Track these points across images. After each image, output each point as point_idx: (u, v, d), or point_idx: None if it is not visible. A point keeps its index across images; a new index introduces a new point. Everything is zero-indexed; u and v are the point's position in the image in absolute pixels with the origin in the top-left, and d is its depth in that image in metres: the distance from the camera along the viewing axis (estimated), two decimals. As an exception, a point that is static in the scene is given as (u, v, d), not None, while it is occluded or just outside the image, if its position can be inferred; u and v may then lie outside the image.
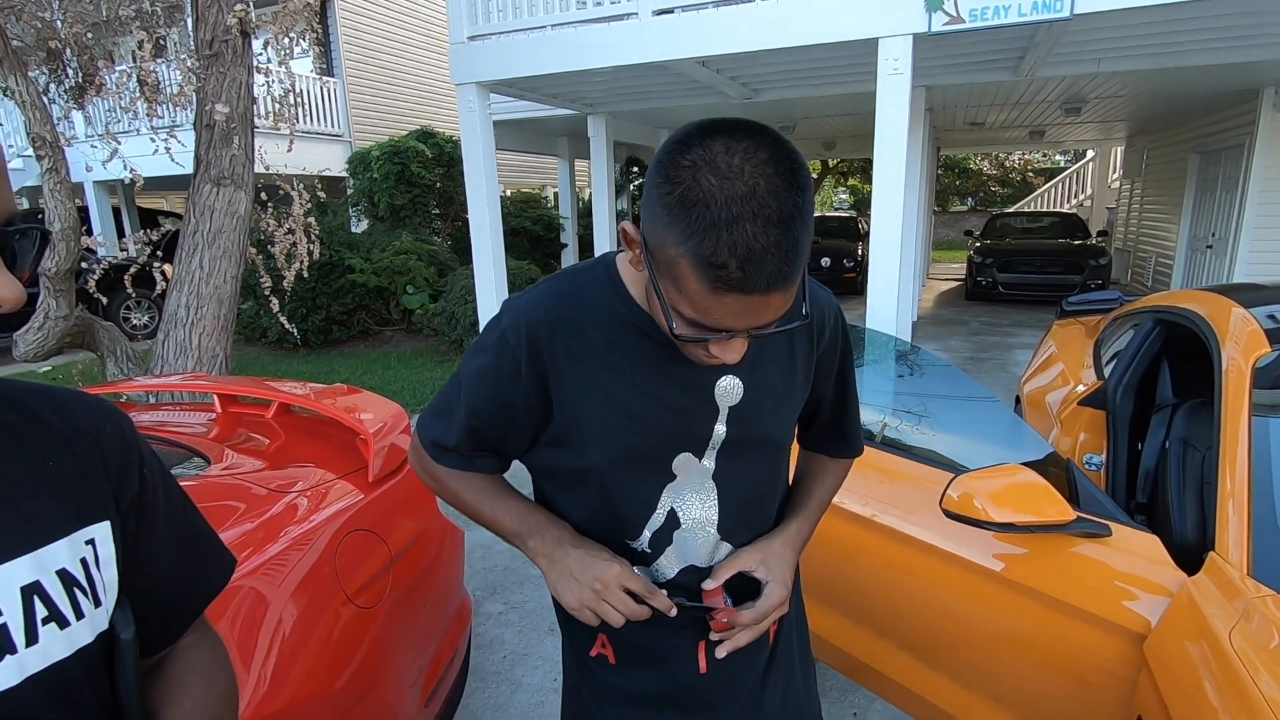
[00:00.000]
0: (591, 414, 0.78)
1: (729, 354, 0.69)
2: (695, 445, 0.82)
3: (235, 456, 1.63)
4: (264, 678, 1.17)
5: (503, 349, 0.78)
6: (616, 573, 0.79)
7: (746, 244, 0.59)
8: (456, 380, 0.84)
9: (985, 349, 6.93)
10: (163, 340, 3.90)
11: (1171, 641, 1.19)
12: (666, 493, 0.82)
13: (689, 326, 0.67)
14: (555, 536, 0.83)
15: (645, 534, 0.84)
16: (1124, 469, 2.16)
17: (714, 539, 0.86)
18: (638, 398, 0.78)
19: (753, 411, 0.83)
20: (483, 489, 0.87)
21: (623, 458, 0.80)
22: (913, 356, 2.57)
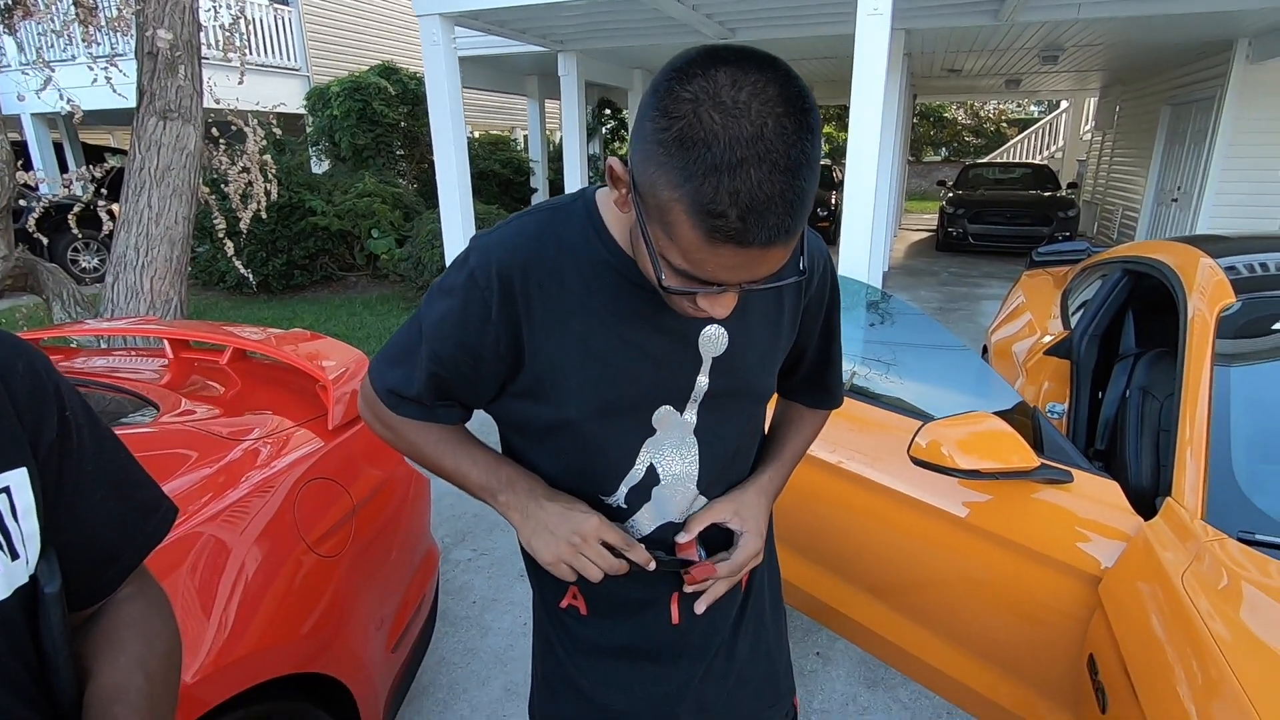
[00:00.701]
0: (567, 364, 0.74)
1: (718, 308, 0.64)
2: (676, 398, 0.78)
3: (187, 403, 1.57)
4: (224, 626, 1.15)
5: (471, 291, 0.72)
6: (595, 525, 0.76)
7: (750, 192, 0.54)
8: (416, 323, 0.77)
9: (954, 299, 7.00)
10: (112, 283, 3.73)
11: (1126, 583, 1.23)
12: (646, 448, 0.79)
13: (678, 278, 0.61)
14: (528, 489, 0.79)
15: (621, 490, 0.80)
16: (1085, 417, 2.20)
17: (693, 494, 0.83)
18: (617, 347, 0.73)
19: (737, 362, 0.79)
20: (445, 440, 0.83)
21: (600, 410, 0.76)
22: (884, 305, 2.57)
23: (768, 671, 0.96)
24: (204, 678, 1.09)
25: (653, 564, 0.79)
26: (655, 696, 0.88)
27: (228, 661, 1.12)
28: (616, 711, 0.88)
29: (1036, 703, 1.45)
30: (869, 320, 2.50)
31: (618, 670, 0.87)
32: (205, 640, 1.10)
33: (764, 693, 0.96)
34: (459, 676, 2.05)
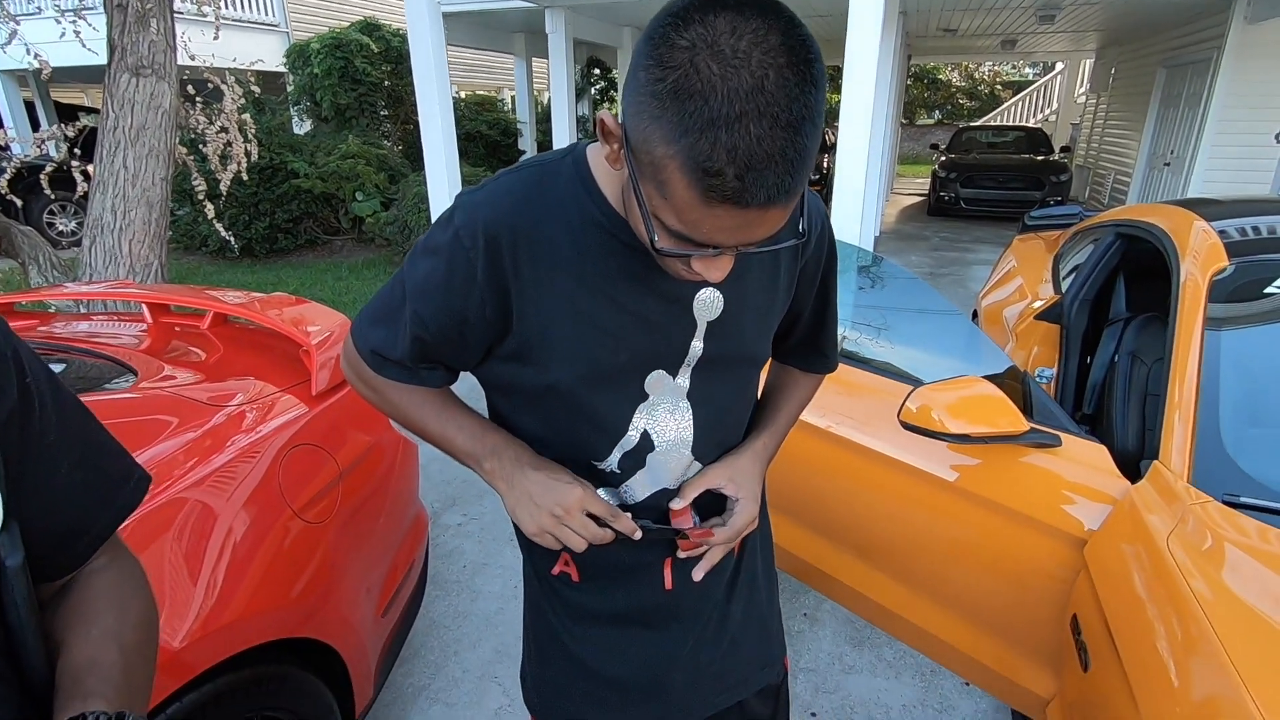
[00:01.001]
0: (556, 328, 0.71)
1: (713, 272, 0.62)
2: (670, 362, 0.76)
3: (167, 369, 1.54)
4: (209, 592, 1.14)
5: (455, 252, 0.68)
6: (578, 496, 0.75)
7: (749, 149, 0.51)
8: (400, 283, 0.74)
9: (945, 264, 6.99)
10: (89, 247, 3.64)
11: (1111, 545, 1.24)
12: (639, 413, 0.77)
13: (672, 239, 0.59)
14: (513, 457, 0.77)
15: (614, 455, 0.79)
16: (1073, 382, 2.21)
17: (687, 460, 0.82)
18: (609, 311, 0.71)
19: (732, 326, 0.76)
20: (429, 404, 0.81)
21: (591, 376, 0.73)
22: (876, 268, 2.55)
23: (760, 635, 0.97)
24: (192, 642, 1.08)
25: (639, 533, 0.78)
26: (647, 661, 0.88)
27: (215, 627, 1.12)
28: (608, 676, 0.88)
29: (1018, 661, 1.47)
30: (860, 284, 2.48)
31: (610, 636, 0.87)
32: (192, 605, 1.10)
33: (756, 655, 0.96)
34: (450, 639, 2.07)
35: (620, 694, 0.88)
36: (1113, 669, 1.09)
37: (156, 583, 1.06)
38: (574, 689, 0.89)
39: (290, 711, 1.28)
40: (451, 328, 0.73)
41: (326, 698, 1.36)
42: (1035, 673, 1.45)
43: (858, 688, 1.91)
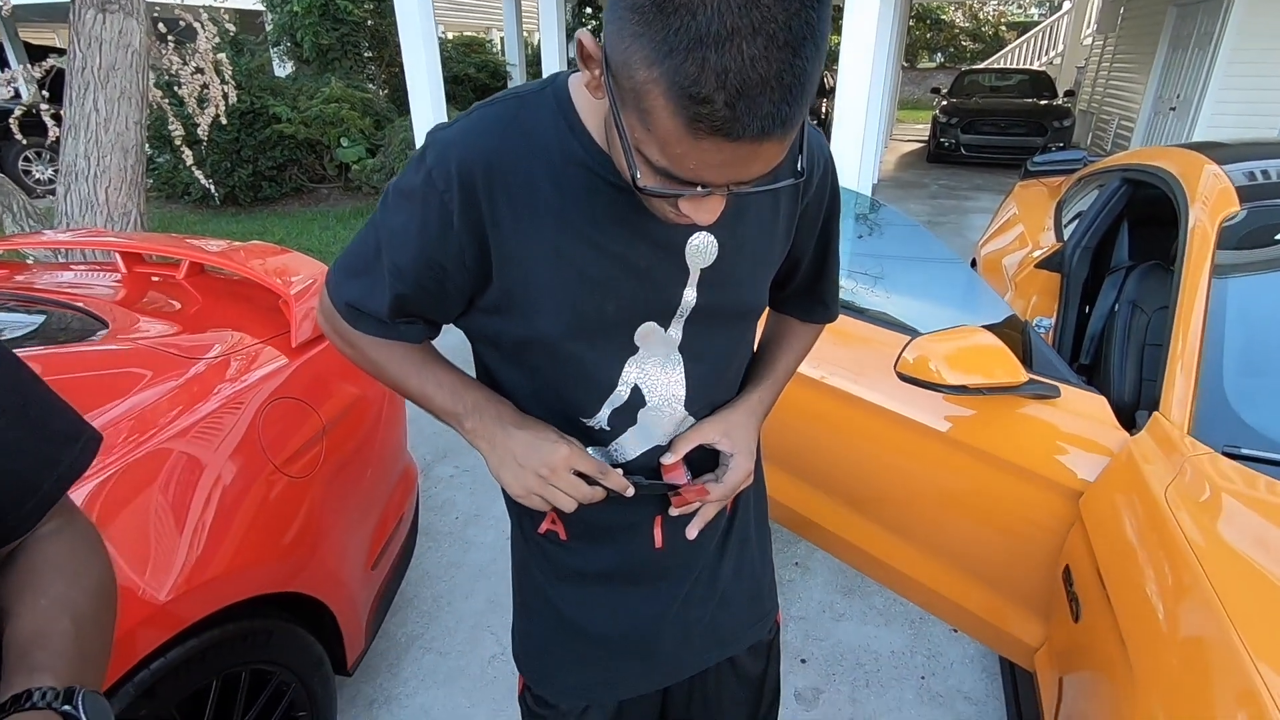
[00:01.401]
0: (539, 277, 0.66)
1: (702, 214, 0.56)
2: (661, 313, 0.71)
3: (141, 320, 1.48)
4: (191, 548, 1.12)
5: (429, 194, 0.63)
6: (565, 455, 0.71)
7: (740, 72, 0.45)
8: (373, 231, 0.69)
9: (943, 213, 6.88)
10: (64, 194, 3.53)
11: (1107, 497, 1.22)
12: (629, 367, 0.73)
13: (656, 177, 0.53)
14: (495, 416, 0.73)
15: (604, 411, 0.75)
16: (1072, 331, 2.17)
17: (680, 415, 0.78)
18: (595, 258, 0.66)
19: (728, 275, 0.71)
20: (409, 360, 0.76)
21: (577, 328, 0.68)
22: (874, 215, 2.48)
23: (751, 591, 0.95)
24: (178, 596, 1.06)
25: (630, 490, 0.75)
26: (636, 619, 0.86)
27: (199, 582, 1.10)
28: (597, 634, 0.86)
29: (1008, 609, 1.48)
30: (858, 231, 2.42)
31: (598, 595, 0.85)
32: (171, 561, 1.07)
33: (747, 612, 0.94)
34: (443, 590, 2.08)
35: (609, 651, 0.87)
36: (1104, 621, 1.08)
37: (132, 540, 1.03)
38: (562, 647, 0.88)
39: (279, 664, 1.27)
40: (430, 279, 0.68)
41: (315, 650, 1.36)
42: (1024, 621, 1.45)
43: (848, 635, 1.93)
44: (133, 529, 1.04)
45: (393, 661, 1.83)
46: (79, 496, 1.00)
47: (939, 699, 1.74)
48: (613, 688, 0.88)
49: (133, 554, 1.03)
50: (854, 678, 1.79)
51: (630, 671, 0.88)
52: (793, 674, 1.80)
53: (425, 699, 1.73)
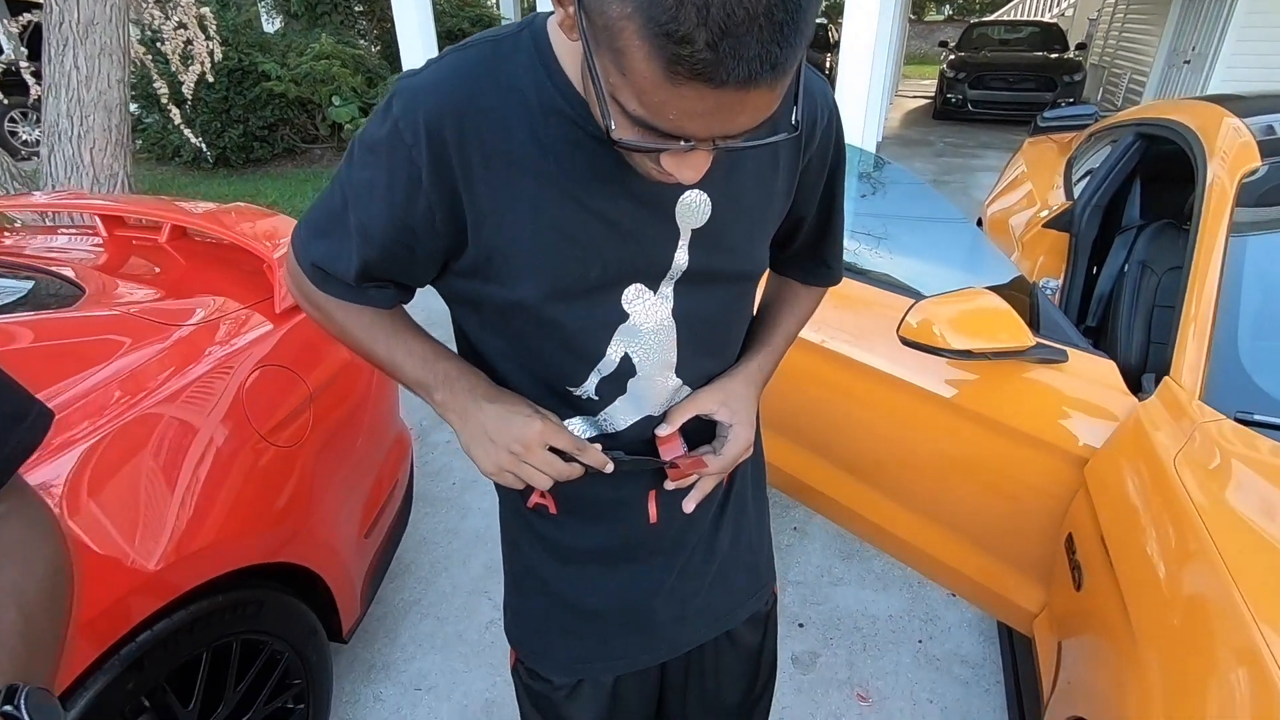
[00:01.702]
0: (517, 238, 0.61)
1: (685, 171, 0.52)
2: (650, 276, 0.66)
3: (120, 286, 1.44)
4: (176, 520, 1.09)
5: (395, 149, 0.58)
6: (538, 431, 0.67)
7: (724, 6, 0.40)
8: (340, 187, 0.64)
9: (949, 171, 6.74)
10: (48, 156, 3.45)
11: (1113, 464, 1.19)
12: (618, 335, 0.68)
13: (633, 128, 0.48)
14: (467, 388, 0.69)
15: (592, 380, 0.71)
16: (1079, 293, 2.12)
17: (674, 384, 0.74)
18: (577, 216, 0.61)
19: (722, 235, 0.67)
20: (377, 325, 0.72)
21: (558, 292, 0.64)
22: (878, 173, 2.40)
23: (749, 563, 0.92)
24: (158, 571, 1.04)
25: (610, 466, 0.71)
26: (629, 595, 0.83)
27: (184, 555, 1.08)
28: (589, 610, 0.84)
29: (1007, 575, 1.46)
30: (861, 190, 2.35)
31: (589, 571, 0.82)
32: (153, 534, 1.05)
33: (744, 585, 0.92)
34: (440, 555, 2.07)
35: (603, 626, 0.84)
36: (1107, 590, 1.06)
37: (110, 514, 1.01)
38: (555, 623, 0.85)
39: (271, 634, 1.26)
40: (399, 241, 0.63)
41: (309, 619, 1.35)
42: (1024, 587, 1.44)
43: (845, 599, 1.92)
44: (110, 502, 1.02)
45: (390, 627, 1.83)
46: (52, 473, 0.97)
47: (936, 662, 1.74)
48: (607, 663, 0.86)
49: (111, 528, 1.00)
50: (851, 642, 1.79)
51: (626, 647, 0.86)
52: (790, 638, 1.80)
53: (423, 664, 1.73)
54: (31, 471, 0.94)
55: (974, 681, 1.69)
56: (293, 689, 1.34)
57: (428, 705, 1.63)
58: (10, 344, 1.12)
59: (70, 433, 1.01)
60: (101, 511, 1.00)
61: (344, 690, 1.66)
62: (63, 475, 0.98)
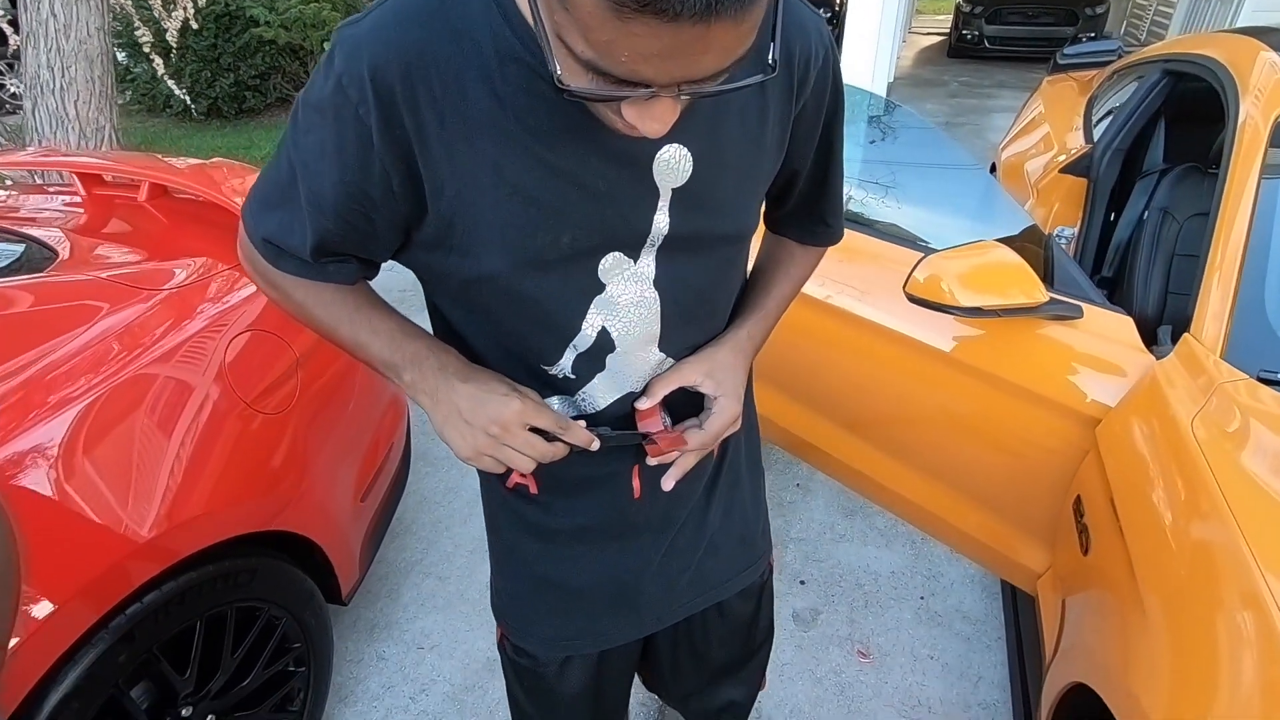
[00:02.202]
0: (479, 203, 0.56)
1: (649, 122, 0.46)
2: (628, 243, 0.60)
3: (97, 248, 1.39)
4: (170, 488, 1.07)
5: (340, 106, 0.52)
6: (517, 410, 0.62)
7: None
8: (287, 153, 0.58)
9: (962, 113, 6.52)
10: (31, 109, 3.36)
11: (1126, 425, 1.14)
12: (595, 308, 0.63)
13: (585, 74, 0.43)
14: (437, 367, 0.64)
15: (567, 357, 0.66)
16: (1095, 241, 2.04)
17: (656, 359, 0.69)
18: (543, 177, 0.55)
19: (706, 195, 0.61)
20: (339, 303, 0.66)
21: (527, 264, 0.58)
22: (888, 117, 2.30)
23: (742, 535, 0.89)
24: (147, 543, 1.02)
25: (596, 444, 0.67)
26: (614, 573, 0.80)
27: (180, 521, 1.06)
28: (574, 588, 0.81)
29: (1012, 535, 1.44)
30: (870, 136, 2.25)
31: (573, 551, 0.79)
32: (146, 504, 1.03)
33: (737, 558, 0.89)
34: (441, 515, 2.07)
35: (588, 604, 0.82)
36: (1115, 555, 1.03)
37: (88, 486, 0.98)
38: (539, 601, 0.83)
39: (266, 600, 1.25)
40: (354, 210, 0.57)
41: (305, 584, 1.34)
42: (1028, 548, 1.41)
43: (847, 556, 1.91)
44: (89, 474, 0.99)
45: (392, 587, 1.84)
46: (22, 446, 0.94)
47: (938, 619, 1.73)
48: (594, 639, 0.84)
49: (83, 505, 0.98)
50: (852, 599, 1.79)
51: (612, 623, 0.83)
52: (791, 595, 1.79)
53: (425, 624, 1.74)
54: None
55: (975, 637, 1.69)
56: (292, 652, 1.35)
57: (431, 664, 1.65)
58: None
59: (39, 409, 0.97)
60: (72, 487, 0.97)
61: (347, 650, 1.67)
62: (49, 440, 0.95)
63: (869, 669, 1.62)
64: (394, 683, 1.60)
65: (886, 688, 1.58)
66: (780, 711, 1.53)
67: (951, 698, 1.56)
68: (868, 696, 1.56)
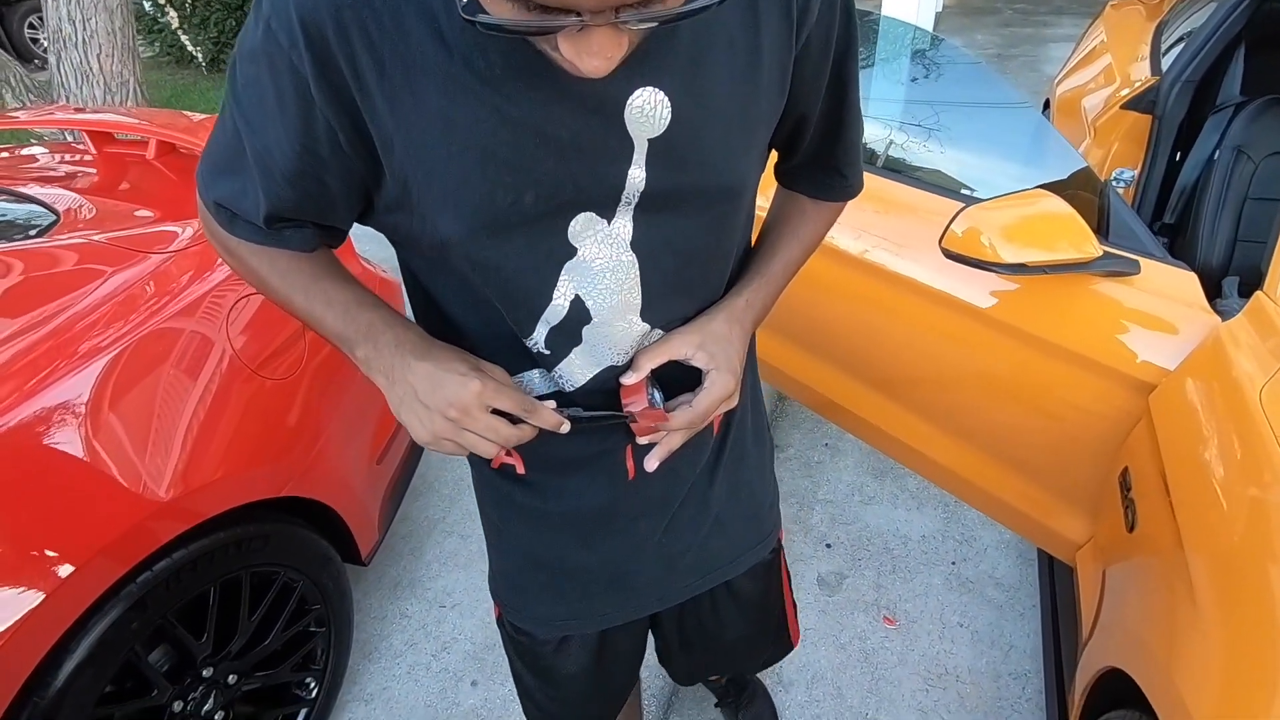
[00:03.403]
0: (429, 162, 0.50)
1: (586, 57, 0.39)
2: (599, 201, 0.54)
3: (100, 209, 1.36)
4: (181, 457, 1.07)
5: (274, 56, 0.47)
6: (475, 391, 0.56)
7: None
8: (229, 112, 0.53)
9: (1016, 43, 6.09)
10: (56, 63, 3.35)
11: (1184, 393, 1.04)
12: (566, 274, 0.56)
13: (502, 1, 0.37)
14: (393, 342, 0.59)
15: (539, 330, 0.60)
16: (1158, 185, 1.88)
17: (639, 330, 0.62)
18: (497, 129, 0.49)
19: (689, 146, 0.53)
20: (295, 272, 0.61)
21: (488, 227, 0.52)
22: (933, 52, 2.12)
23: (750, 512, 0.84)
24: (149, 515, 1.02)
25: (566, 426, 0.61)
26: (610, 554, 0.76)
27: (195, 487, 1.06)
28: (569, 569, 0.77)
29: (1052, 504, 1.36)
30: (911, 74, 2.09)
31: (564, 535, 0.75)
32: (159, 472, 1.03)
33: (744, 535, 0.84)
34: (463, 473, 2.06)
35: (584, 584, 0.78)
36: (1163, 534, 0.95)
37: (94, 455, 0.97)
38: (535, 582, 0.79)
39: (282, 564, 1.26)
40: (304, 171, 0.52)
41: (320, 547, 1.34)
42: (1069, 517, 1.33)
43: (876, 518, 1.86)
44: (93, 444, 0.98)
45: (415, 545, 1.85)
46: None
47: (969, 585, 1.68)
48: (591, 619, 0.81)
49: (94, 470, 0.97)
50: (880, 563, 1.74)
51: (609, 603, 0.80)
52: (816, 559, 1.75)
53: (447, 582, 1.75)
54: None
55: (1008, 605, 1.63)
56: (312, 613, 1.36)
57: (452, 621, 1.66)
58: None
59: (40, 374, 0.96)
60: (100, 448, 0.97)
61: (371, 607, 1.69)
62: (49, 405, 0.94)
63: (894, 635, 1.58)
64: (416, 640, 1.62)
65: (913, 654, 1.54)
66: (802, 676, 1.51)
67: (980, 666, 1.52)
68: (892, 663, 1.53)
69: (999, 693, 1.47)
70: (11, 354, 0.97)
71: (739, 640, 0.95)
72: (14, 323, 1.00)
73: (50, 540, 0.93)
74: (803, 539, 1.81)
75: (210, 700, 1.17)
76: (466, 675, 1.55)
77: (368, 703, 1.51)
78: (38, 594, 0.89)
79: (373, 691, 1.53)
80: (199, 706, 1.16)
